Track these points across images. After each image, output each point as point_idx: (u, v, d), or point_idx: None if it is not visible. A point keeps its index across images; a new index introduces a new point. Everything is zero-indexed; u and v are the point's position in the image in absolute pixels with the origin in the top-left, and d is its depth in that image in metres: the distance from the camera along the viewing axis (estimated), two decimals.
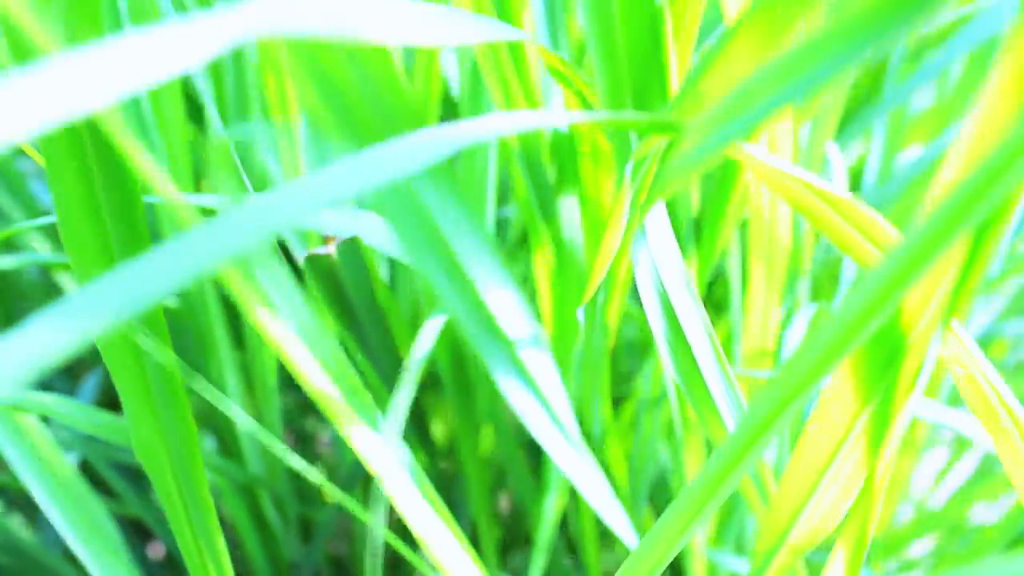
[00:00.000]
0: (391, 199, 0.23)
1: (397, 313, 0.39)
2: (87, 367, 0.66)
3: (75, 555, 0.42)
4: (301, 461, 0.27)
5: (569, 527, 0.52)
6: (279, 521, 0.57)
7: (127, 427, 0.29)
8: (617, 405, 0.46)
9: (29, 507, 0.63)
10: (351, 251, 0.36)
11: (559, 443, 0.33)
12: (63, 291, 0.61)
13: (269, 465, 0.54)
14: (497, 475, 0.55)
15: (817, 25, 0.17)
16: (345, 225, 0.29)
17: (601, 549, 0.52)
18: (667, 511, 0.25)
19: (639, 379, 0.40)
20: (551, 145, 0.32)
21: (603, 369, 0.36)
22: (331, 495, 0.55)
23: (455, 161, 0.40)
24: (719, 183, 0.37)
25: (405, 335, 0.44)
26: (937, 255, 0.17)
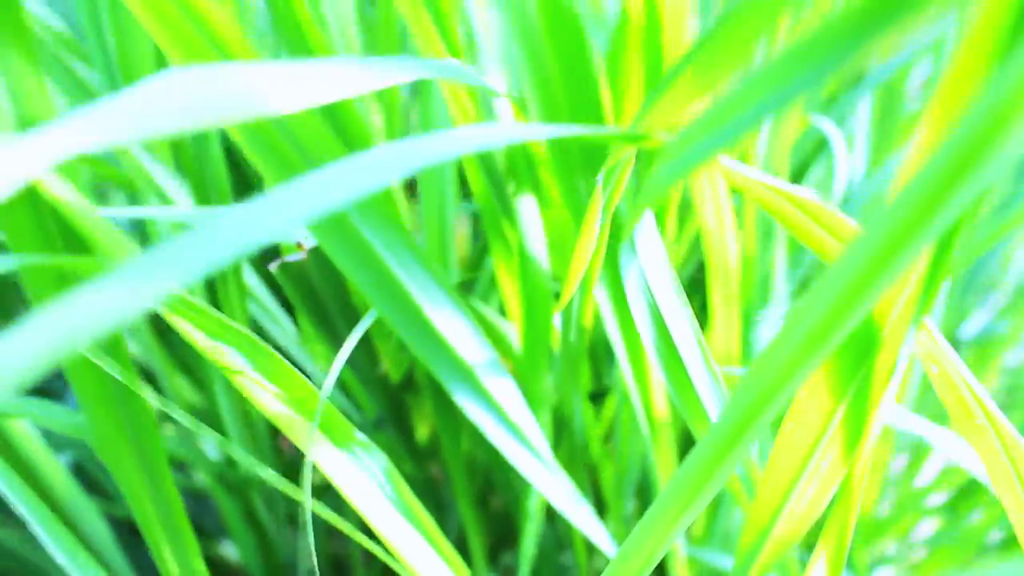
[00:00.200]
0: (325, 227, 0.24)
1: (368, 312, 0.39)
2: None
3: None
4: (269, 471, 0.27)
5: (557, 524, 0.52)
6: (271, 521, 0.57)
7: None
8: (598, 401, 0.46)
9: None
10: (322, 255, 0.37)
11: (522, 457, 0.33)
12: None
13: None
14: (486, 475, 0.55)
15: (791, 37, 0.17)
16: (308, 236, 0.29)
17: (593, 547, 0.52)
18: (644, 517, 0.25)
19: (617, 374, 0.40)
20: (506, 151, 0.33)
21: (581, 370, 0.37)
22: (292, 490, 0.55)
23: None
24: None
25: (380, 335, 0.44)
26: (901, 253, 0.17)
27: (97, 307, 0.12)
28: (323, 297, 0.42)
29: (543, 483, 0.34)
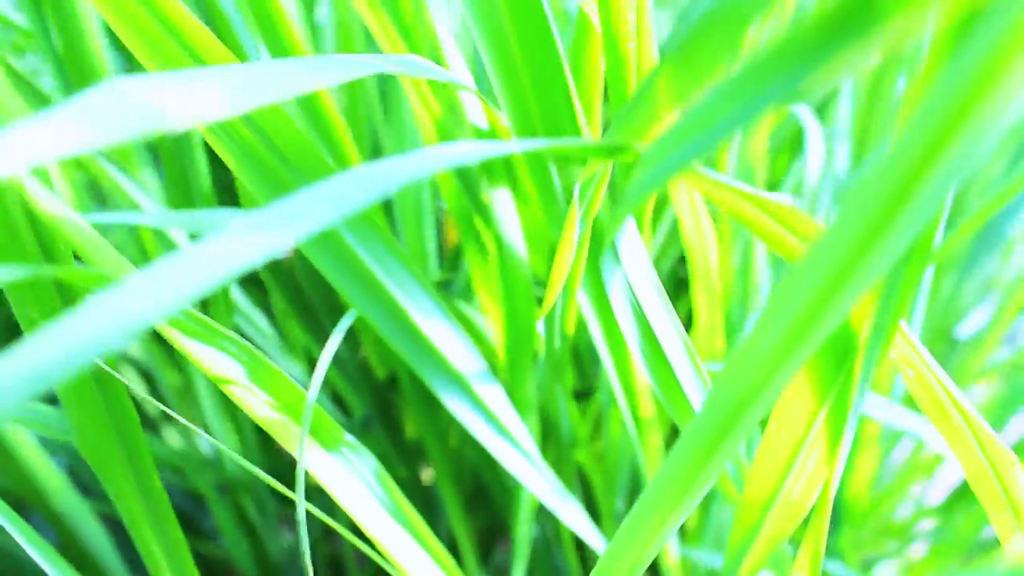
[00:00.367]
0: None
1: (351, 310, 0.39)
2: None
3: (69, 558, 0.42)
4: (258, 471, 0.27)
5: (549, 524, 0.52)
6: (261, 521, 0.58)
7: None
8: (584, 398, 0.47)
9: (20, 510, 0.63)
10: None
11: (513, 458, 0.33)
12: None
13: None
14: (475, 472, 0.55)
15: (765, 44, 0.17)
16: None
17: (586, 546, 0.52)
18: (630, 516, 0.25)
19: (603, 374, 0.40)
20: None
21: (566, 372, 0.37)
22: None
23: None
24: None
25: (365, 331, 0.44)
26: (866, 254, 0.17)
27: (99, 327, 0.12)
28: (309, 294, 0.42)
29: (533, 483, 0.34)
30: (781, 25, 0.37)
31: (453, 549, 0.57)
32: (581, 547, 0.51)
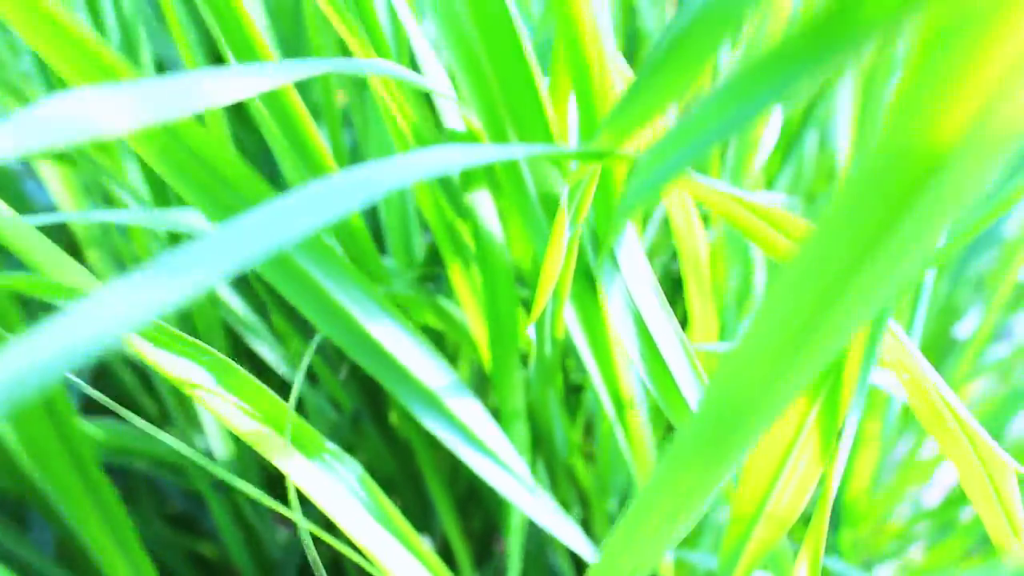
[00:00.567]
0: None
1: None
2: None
3: (67, 558, 0.42)
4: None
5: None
6: (257, 519, 0.58)
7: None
8: (576, 395, 0.47)
9: (19, 510, 0.63)
10: None
11: (497, 474, 0.33)
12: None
13: (241, 464, 0.54)
14: (467, 469, 0.55)
15: (753, 51, 0.17)
16: None
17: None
18: (617, 531, 0.25)
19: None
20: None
21: (556, 377, 0.37)
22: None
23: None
24: None
25: None
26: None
27: (67, 341, 0.12)
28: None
29: (517, 497, 0.34)
30: (774, 28, 0.37)
31: (447, 551, 0.57)
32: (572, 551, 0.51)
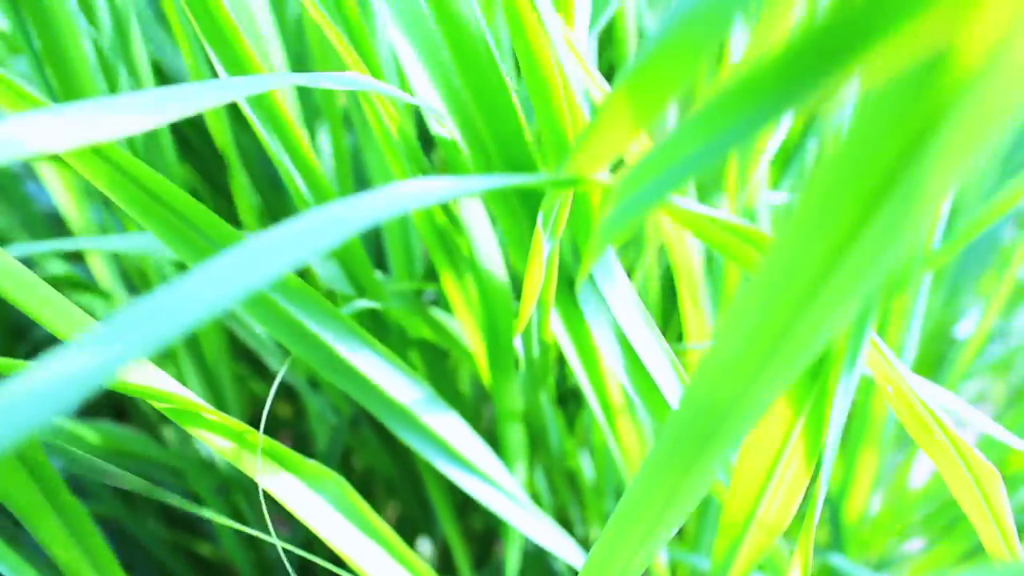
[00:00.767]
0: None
1: None
2: None
3: (58, 566, 0.42)
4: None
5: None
6: (254, 519, 0.58)
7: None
8: (571, 396, 0.46)
9: (11, 517, 0.64)
10: None
11: (486, 492, 0.33)
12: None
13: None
14: None
15: (734, 75, 0.17)
16: None
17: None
18: (604, 533, 0.25)
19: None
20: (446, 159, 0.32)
21: (548, 384, 0.36)
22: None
23: None
24: None
25: None
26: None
27: (59, 383, 0.12)
28: None
29: (507, 511, 0.34)
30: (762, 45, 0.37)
31: (448, 553, 0.57)
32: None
